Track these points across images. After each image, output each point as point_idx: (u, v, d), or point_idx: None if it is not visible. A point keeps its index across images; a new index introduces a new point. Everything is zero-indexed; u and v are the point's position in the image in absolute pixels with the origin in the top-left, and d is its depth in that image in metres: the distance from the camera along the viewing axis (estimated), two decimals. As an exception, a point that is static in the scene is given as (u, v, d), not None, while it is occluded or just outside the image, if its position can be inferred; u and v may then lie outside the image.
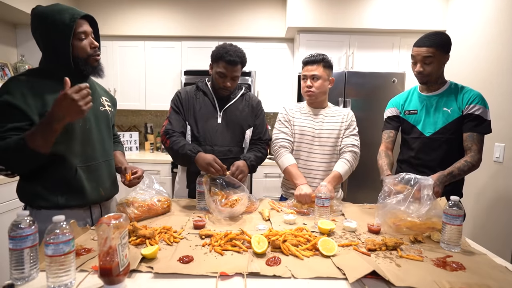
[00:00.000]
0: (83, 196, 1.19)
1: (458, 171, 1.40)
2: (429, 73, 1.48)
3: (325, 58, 1.62)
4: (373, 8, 2.91)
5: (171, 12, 3.28)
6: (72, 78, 1.17)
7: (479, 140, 1.44)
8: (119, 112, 3.72)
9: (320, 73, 1.60)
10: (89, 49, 1.18)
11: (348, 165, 1.59)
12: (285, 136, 1.67)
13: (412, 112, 1.60)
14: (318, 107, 1.69)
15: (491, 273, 0.92)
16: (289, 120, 1.69)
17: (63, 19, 1.09)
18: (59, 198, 1.15)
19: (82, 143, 1.19)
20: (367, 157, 2.21)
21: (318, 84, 1.61)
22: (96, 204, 1.28)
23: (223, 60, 1.52)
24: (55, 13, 1.10)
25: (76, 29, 1.13)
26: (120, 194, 1.41)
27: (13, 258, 0.80)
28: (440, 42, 1.44)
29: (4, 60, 2.85)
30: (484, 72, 2.36)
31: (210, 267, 0.90)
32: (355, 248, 1.05)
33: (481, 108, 1.44)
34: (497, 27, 2.27)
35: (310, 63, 1.62)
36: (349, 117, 1.68)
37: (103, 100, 1.34)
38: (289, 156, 1.63)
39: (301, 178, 1.56)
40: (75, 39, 1.14)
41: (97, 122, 1.27)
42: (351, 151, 1.62)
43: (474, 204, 2.38)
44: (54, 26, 1.09)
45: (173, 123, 1.60)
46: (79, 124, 1.17)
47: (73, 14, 1.11)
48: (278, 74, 3.32)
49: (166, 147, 1.57)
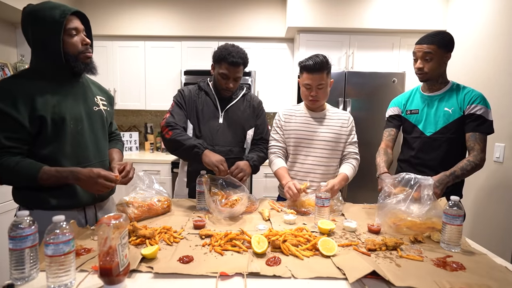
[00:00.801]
0: (75, 198, 1.18)
1: (461, 170, 1.40)
2: (428, 70, 1.48)
3: (328, 62, 1.54)
4: (373, 8, 2.91)
5: (171, 12, 3.28)
6: (64, 76, 1.17)
7: (482, 139, 1.44)
8: (119, 112, 3.72)
9: (325, 81, 1.55)
10: (80, 45, 1.16)
11: (353, 170, 1.61)
12: (276, 143, 1.69)
13: (414, 112, 1.60)
14: (317, 110, 1.68)
15: (491, 273, 0.92)
16: (281, 126, 1.69)
17: (53, 15, 1.08)
18: (51, 199, 1.14)
19: (74, 145, 1.17)
20: (367, 157, 2.21)
21: (323, 92, 1.57)
22: (91, 205, 1.26)
23: (226, 61, 1.52)
24: (45, 10, 1.09)
25: (67, 25, 1.11)
26: (120, 195, 1.41)
27: (13, 258, 0.79)
28: (441, 40, 1.45)
29: (4, 60, 2.85)
30: (484, 72, 2.36)
31: (210, 267, 0.90)
32: (355, 248, 1.05)
33: (482, 108, 1.44)
34: (497, 27, 2.27)
35: (315, 71, 1.51)
36: (350, 122, 1.67)
37: (97, 99, 1.31)
38: (278, 160, 1.64)
39: (286, 177, 1.55)
40: (66, 35, 1.12)
41: (91, 123, 1.24)
42: (356, 158, 1.65)
43: (474, 204, 2.38)
44: (45, 23, 1.08)
45: (175, 117, 1.58)
46: (70, 126, 1.15)
47: (63, 10, 1.10)
48: (278, 74, 3.32)
49: (166, 138, 1.53)
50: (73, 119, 1.17)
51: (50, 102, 1.11)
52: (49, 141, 1.11)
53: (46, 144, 1.11)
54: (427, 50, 1.46)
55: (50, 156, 1.12)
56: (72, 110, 1.17)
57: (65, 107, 1.15)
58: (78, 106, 1.20)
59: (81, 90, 1.24)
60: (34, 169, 1.06)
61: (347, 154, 1.66)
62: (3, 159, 1.05)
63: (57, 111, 1.12)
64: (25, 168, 1.06)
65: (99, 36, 3.29)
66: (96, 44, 3.23)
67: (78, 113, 1.19)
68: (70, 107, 1.16)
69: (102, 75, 3.31)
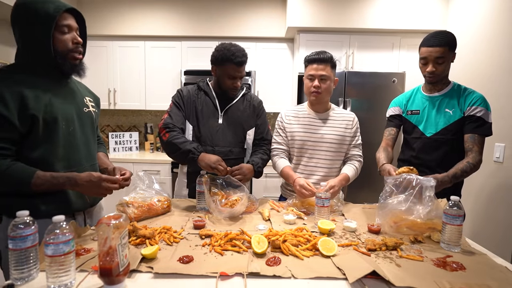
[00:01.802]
0: (66, 204, 1.12)
1: (461, 172, 1.40)
2: (441, 72, 1.47)
3: (333, 58, 1.56)
4: (373, 8, 2.91)
5: (171, 12, 3.27)
6: (54, 74, 1.13)
7: (480, 141, 1.44)
8: (119, 112, 3.72)
9: (328, 74, 1.54)
10: (70, 44, 1.11)
11: (355, 171, 1.60)
12: (278, 145, 1.68)
13: (415, 112, 1.60)
14: (320, 110, 1.65)
15: (491, 273, 0.92)
16: (284, 128, 1.67)
17: (47, 9, 1.05)
18: (42, 206, 1.07)
19: (66, 147, 1.12)
20: (367, 157, 2.20)
21: (326, 86, 1.56)
22: (80, 212, 1.21)
23: (232, 62, 1.51)
24: (38, 3, 1.05)
25: (60, 21, 1.07)
26: (120, 195, 1.40)
27: (13, 258, 0.79)
28: (450, 41, 1.44)
29: (4, 60, 2.85)
30: (484, 72, 2.36)
31: (210, 267, 0.90)
32: (355, 248, 1.05)
33: (483, 110, 1.44)
34: (497, 27, 2.27)
35: (318, 61, 1.53)
36: (355, 123, 1.66)
37: (86, 100, 1.26)
38: (282, 161, 1.64)
39: (293, 175, 1.54)
40: (57, 31, 1.08)
41: (81, 124, 1.20)
42: (359, 161, 1.65)
43: (474, 204, 2.38)
44: (37, 16, 1.04)
45: (173, 117, 1.57)
46: (62, 127, 1.10)
47: (58, 6, 1.07)
48: (278, 74, 3.32)
49: (163, 140, 1.52)
50: (65, 119, 1.12)
51: (42, 100, 1.06)
52: (40, 142, 1.06)
53: (36, 146, 1.05)
54: (439, 54, 1.43)
55: (41, 159, 1.06)
56: (63, 110, 1.12)
57: (57, 107, 1.10)
58: (69, 106, 1.15)
59: (70, 90, 1.20)
60: (27, 174, 1.01)
61: (351, 156, 1.65)
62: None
63: (49, 111, 1.07)
64: (17, 173, 1.00)
65: (99, 36, 3.29)
66: (96, 44, 3.25)
67: (69, 114, 1.14)
68: (61, 107, 1.12)
69: (102, 75, 3.32)
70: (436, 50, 1.43)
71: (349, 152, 1.65)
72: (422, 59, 1.49)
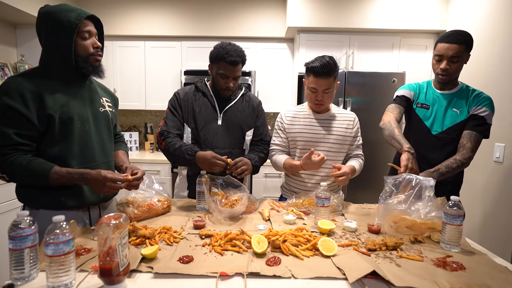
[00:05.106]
0: (81, 198, 1.20)
1: (446, 168, 1.40)
2: (453, 71, 1.47)
3: (337, 68, 1.49)
4: (373, 8, 2.92)
5: (171, 12, 3.27)
6: (73, 77, 1.20)
7: (476, 140, 1.44)
8: (119, 112, 3.71)
9: (331, 85, 1.50)
10: (91, 48, 1.19)
11: (360, 167, 1.60)
12: (277, 147, 1.67)
13: (425, 106, 1.58)
14: (321, 111, 1.64)
15: (491, 273, 0.92)
16: (284, 129, 1.66)
17: (69, 17, 1.12)
18: (58, 199, 1.15)
19: (81, 145, 1.19)
20: (367, 157, 2.20)
21: (329, 97, 1.54)
22: (95, 205, 1.28)
23: (224, 61, 1.50)
24: (62, 12, 1.13)
25: (81, 28, 1.15)
26: (120, 195, 1.41)
27: (13, 258, 0.80)
28: (469, 41, 1.44)
29: (4, 60, 2.85)
30: (484, 72, 2.36)
31: (210, 267, 0.90)
32: (355, 248, 1.05)
33: (487, 111, 1.45)
34: (497, 27, 2.27)
35: (322, 75, 1.45)
36: (355, 124, 1.65)
37: (103, 100, 1.34)
38: (281, 156, 1.63)
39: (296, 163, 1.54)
40: (79, 37, 1.16)
41: (96, 124, 1.27)
42: (362, 159, 1.65)
43: (474, 204, 2.38)
44: (60, 24, 1.12)
45: (168, 124, 1.58)
46: (77, 126, 1.18)
47: (79, 13, 1.15)
48: (278, 74, 3.32)
49: (161, 148, 1.56)
50: (80, 119, 1.19)
51: (59, 101, 1.13)
52: (57, 140, 1.13)
53: (54, 144, 1.13)
54: (456, 51, 1.41)
55: (58, 155, 1.14)
56: (79, 110, 1.19)
57: (73, 107, 1.17)
58: (85, 107, 1.22)
59: (88, 91, 1.27)
60: (46, 169, 1.08)
61: (354, 155, 1.65)
62: (15, 157, 1.06)
63: (65, 111, 1.14)
64: (37, 167, 1.08)
65: (99, 36, 3.29)
66: (96, 44, 3.25)
67: (85, 113, 1.21)
68: (77, 108, 1.19)
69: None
70: (453, 47, 1.42)
71: (351, 153, 1.66)
72: (437, 55, 1.47)
